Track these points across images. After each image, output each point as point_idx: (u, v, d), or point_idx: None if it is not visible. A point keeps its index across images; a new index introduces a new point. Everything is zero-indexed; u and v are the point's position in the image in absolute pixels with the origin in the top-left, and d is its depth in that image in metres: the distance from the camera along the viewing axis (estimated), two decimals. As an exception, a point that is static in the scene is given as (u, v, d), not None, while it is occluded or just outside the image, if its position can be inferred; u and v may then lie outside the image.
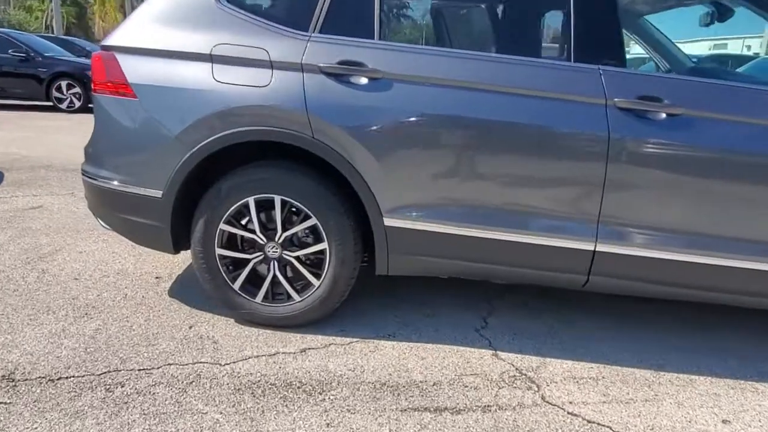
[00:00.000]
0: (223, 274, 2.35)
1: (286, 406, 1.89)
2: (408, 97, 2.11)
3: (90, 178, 2.42)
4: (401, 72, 2.12)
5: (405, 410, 1.90)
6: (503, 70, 2.12)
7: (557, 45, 2.19)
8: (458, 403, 1.96)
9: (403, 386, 2.04)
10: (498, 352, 2.33)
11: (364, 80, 2.12)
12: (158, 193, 2.27)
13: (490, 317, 2.64)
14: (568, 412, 1.95)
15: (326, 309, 2.36)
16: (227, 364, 2.11)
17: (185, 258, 3.08)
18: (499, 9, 2.53)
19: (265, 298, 2.36)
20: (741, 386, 2.17)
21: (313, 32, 2.18)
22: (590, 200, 2.10)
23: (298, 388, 2.00)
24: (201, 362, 2.11)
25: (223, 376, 2.04)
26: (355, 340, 2.35)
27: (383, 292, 2.75)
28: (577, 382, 2.14)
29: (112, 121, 2.31)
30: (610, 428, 1.88)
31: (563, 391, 2.07)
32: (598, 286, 2.25)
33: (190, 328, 2.37)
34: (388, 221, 2.20)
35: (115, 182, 2.34)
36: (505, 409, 1.94)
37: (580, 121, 2.05)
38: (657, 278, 2.16)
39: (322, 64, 2.12)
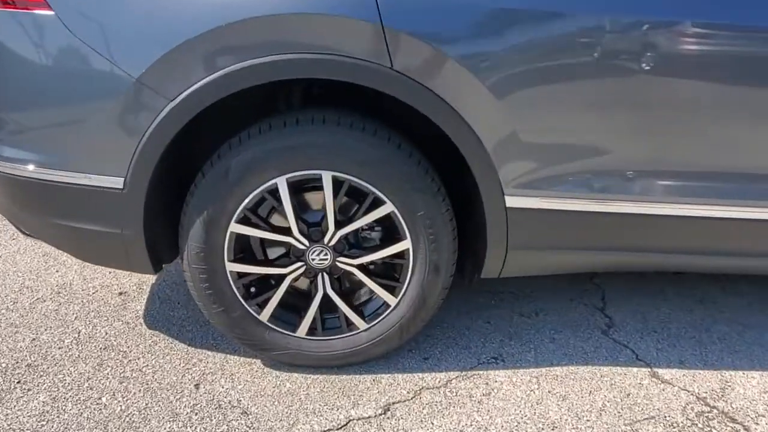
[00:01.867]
0: (242, 301, 1.46)
1: None
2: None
3: (-12, 160, 1.40)
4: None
5: None
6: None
7: None
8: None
9: (569, 459, 1.30)
10: (655, 370, 1.62)
11: (477, -40, 1.19)
12: (117, 183, 1.31)
13: (608, 307, 1.91)
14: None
15: (406, 337, 1.54)
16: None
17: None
18: None
19: (313, 329, 1.51)
20: None
21: None
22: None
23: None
24: (235, 464, 1.27)
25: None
26: (452, 375, 1.57)
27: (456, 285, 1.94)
28: (790, 411, 1.48)
29: (11, 59, 1.27)
30: None
31: (781, 431, 1.40)
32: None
33: (197, 387, 1.50)
34: (513, 200, 1.36)
35: (38, 167, 1.34)
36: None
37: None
38: None
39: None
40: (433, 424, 1.40)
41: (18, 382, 1.49)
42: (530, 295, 1.96)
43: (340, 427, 1.38)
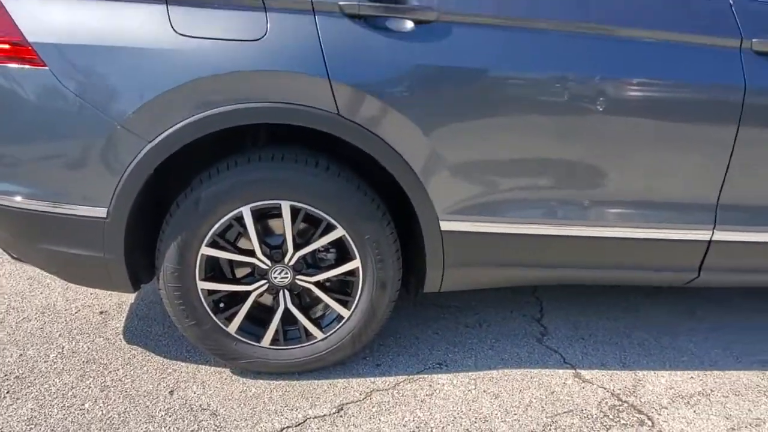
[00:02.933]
0: (212, 316, 1.65)
1: None
2: (471, 46, 1.46)
3: (-18, 193, 1.58)
4: (463, 12, 1.45)
5: (513, 491, 1.38)
6: (602, 5, 1.51)
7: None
8: (573, 465, 1.46)
9: (492, 447, 1.51)
10: (579, 371, 1.85)
11: (409, 25, 1.43)
12: (100, 212, 1.50)
13: (544, 318, 2.15)
14: (703, 454, 1.52)
15: (359, 345, 1.75)
16: (241, 452, 1.47)
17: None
18: None
19: (275, 340, 1.71)
20: None
21: (323, -47, 1.44)
22: (710, 177, 1.60)
23: (357, 478, 1.41)
24: (205, 456, 1.46)
25: (244, 476, 1.40)
26: (400, 379, 1.78)
27: (403, 298, 2.16)
28: (688, 403, 1.72)
29: (7, 106, 1.47)
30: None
31: (681, 422, 1.64)
32: (707, 282, 1.79)
33: (171, 394, 1.67)
34: (447, 224, 1.59)
35: (27, 199, 1.53)
36: (631, 462, 1.48)
37: (706, 71, 1.51)
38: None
39: (342, 2, 1.41)
40: (380, 420, 1.60)
41: (7, 392, 1.65)
42: (475, 308, 2.19)
43: (298, 425, 1.57)
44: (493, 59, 1.47)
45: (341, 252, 1.66)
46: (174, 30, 1.40)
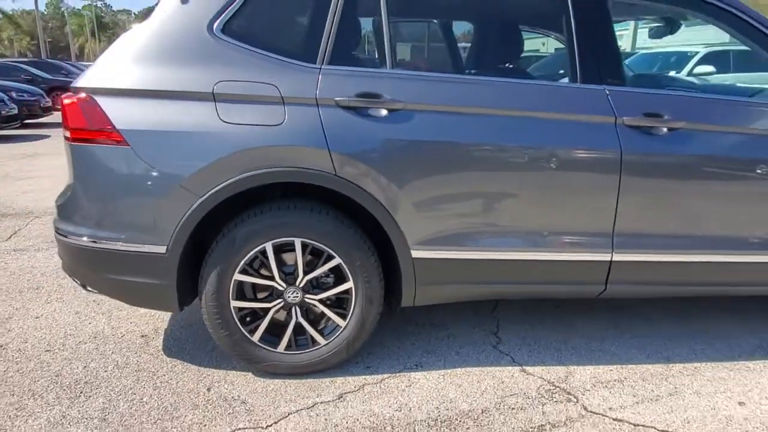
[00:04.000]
0: (241, 328, 2.17)
1: (353, 462, 1.80)
2: (429, 126, 2.09)
3: (69, 237, 2.13)
4: (421, 102, 2.08)
5: (469, 445, 1.89)
6: (520, 94, 2.17)
7: (565, 67, 2.26)
8: (515, 428, 1.98)
9: (456, 419, 2.02)
10: (524, 368, 2.38)
11: (384, 112, 2.06)
12: (161, 249, 2.05)
13: (500, 331, 2.69)
14: (613, 419, 2.04)
15: (353, 349, 2.27)
16: (269, 425, 1.96)
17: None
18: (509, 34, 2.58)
19: (288, 346, 2.22)
20: (737, 367, 2.40)
21: (323, 64, 2.08)
22: (606, 213, 2.20)
23: (354, 439, 1.91)
24: (240, 429, 1.94)
25: (270, 439, 1.89)
26: (386, 376, 2.29)
27: (388, 319, 2.69)
28: (606, 386, 2.25)
29: (98, 173, 2.04)
30: (655, 428, 2.00)
31: (599, 398, 2.17)
32: (614, 293, 2.37)
33: (209, 390, 2.16)
34: (416, 253, 2.16)
35: (106, 241, 2.07)
36: (558, 426, 2.00)
37: (594, 139, 2.15)
38: (669, 279, 2.33)
39: (338, 98, 2.03)
40: (371, 403, 2.10)
41: (81, 392, 2.12)
42: (445, 325, 2.72)
43: (309, 407, 2.07)
44: (441, 133, 2.09)
45: (338, 276, 2.21)
46: (220, 119, 2.00)
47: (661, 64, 9.40)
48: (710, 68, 8.12)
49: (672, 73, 8.89)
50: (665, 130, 2.17)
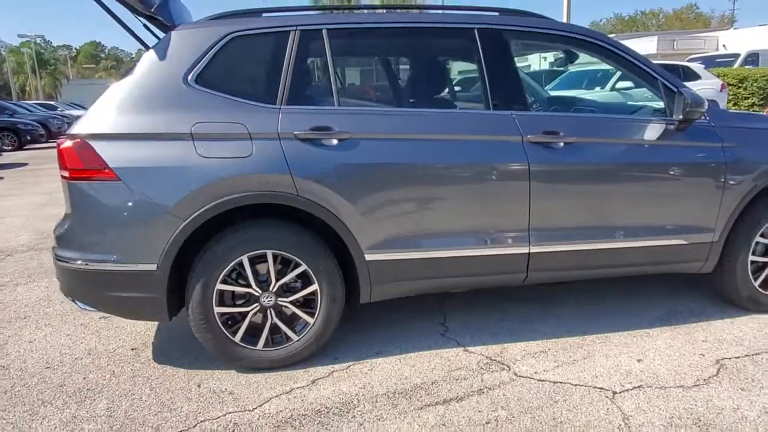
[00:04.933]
0: (224, 331, 2.54)
1: (327, 428, 2.19)
2: (371, 151, 2.54)
3: (70, 262, 2.46)
4: (364, 132, 2.54)
5: (422, 408, 2.31)
6: (445, 121, 2.66)
7: (480, 97, 2.77)
8: (458, 393, 2.42)
9: (411, 390, 2.45)
10: (467, 348, 2.84)
11: (334, 141, 2.51)
12: (152, 267, 2.41)
13: (447, 321, 3.14)
14: (538, 380, 2.51)
15: (321, 342, 2.67)
16: (255, 408, 2.33)
17: (146, 326, 3.14)
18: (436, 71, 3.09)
19: (266, 344, 2.60)
20: (639, 335, 2.93)
21: (282, 104, 2.51)
22: (522, 214, 2.71)
23: (328, 411, 2.30)
24: (231, 412, 2.30)
25: (258, 419, 2.26)
26: (350, 363, 2.70)
27: (349, 318, 3.10)
28: (533, 356, 2.73)
29: (94, 205, 2.40)
30: (570, 383, 2.48)
31: (527, 366, 2.64)
32: (534, 279, 2.87)
33: (199, 386, 2.51)
34: (369, 256, 2.60)
35: (103, 263, 2.42)
36: (494, 388, 2.45)
37: (506, 155, 2.66)
38: (575, 265, 2.85)
39: (296, 132, 2.47)
40: (340, 385, 2.50)
41: (86, 397, 2.43)
42: (400, 319, 3.16)
43: (288, 392, 2.45)
44: (382, 156, 2.54)
45: (304, 280, 2.61)
46: (198, 154, 2.40)
47: (588, 81, 10.28)
48: (629, 83, 8.99)
49: (597, 89, 9.78)
50: (562, 144, 2.70)
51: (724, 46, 24.29)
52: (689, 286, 3.54)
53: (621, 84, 9.47)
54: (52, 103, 30.62)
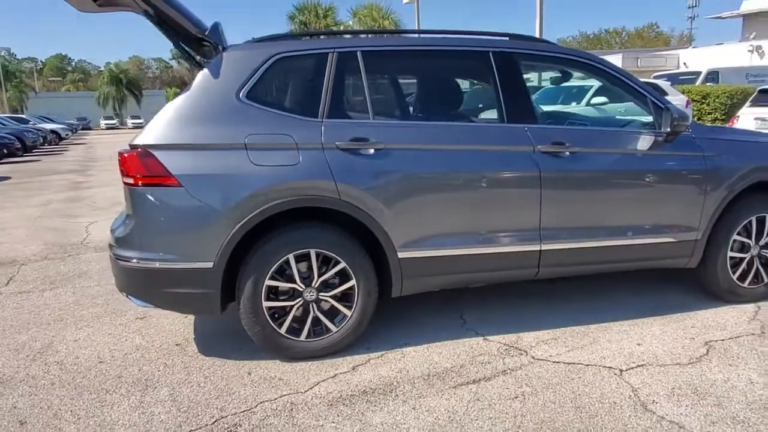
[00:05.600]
0: (271, 323, 2.79)
1: (376, 404, 2.46)
2: (403, 159, 2.85)
3: (131, 261, 2.68)
4: (395, 142, 2.85)
5: (456, 387, 2.61)
6: (467, 133, 3.00)
7: (494, 111, 3.12)
8: (485, 374, 2.72)
9: (443, 373, 2.74)
10: (486, 337, 3.14)
11: (371, 151, 2.80)
12: (209, 264, 2.65)
13: (464, 315, 3.45)
14: (553, 362, 2.84)
15: (357, 333, 2.94)
16: (307, 390, 2.59)
17: (183, 324, 3.35)
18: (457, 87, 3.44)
19: (308, 335, 2.86)
20: (636, 323, 3.28)
21: (323, 118, 2.80)
22: (534, 215, 3.05)
23: (373, 392, 2.57)
24: (285, 395, 2.55)
25: (311, 398, 2.51)
26: (383, 352, 2.97)
27: (376, 313, 3.36)
28: (546, 343, 3.05)
29: (158, 208, 2.63)
30: (582, 363, 2.80)
31: (542, 351, 2.96)
32: (545, 274, 3.20)
33: (249, 374, 2.75)
34: (401, 254, 2.89)
35: (163, 261, 2.65)
36: (516, 369, 2.76)
37: (520, 163, 3.00)
38: (581, 261, 3.20)
39: (338, 143, 2.76)
40: (378, 370, 2.77)
41: (147, 386, 2.64)
42: (422, 315, 3.45)
43: (332, 377, 2.71)
44: (413, 164, 2.85)
45: (342, 276, 2.88)
46: (252, 162, 2.66)
47: (564, 96, 10.85)
48: (604, 99, 9.56)
49: (573, 104, 10.33)
50: (567, 153, 3.06)
51: (684, 64, 25.65)
52: (674, 282, 3.93)
53: (595, 99, 10.05)
54: (24, 116, 30.15)
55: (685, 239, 3.35)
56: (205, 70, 2.77)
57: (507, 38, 3.25)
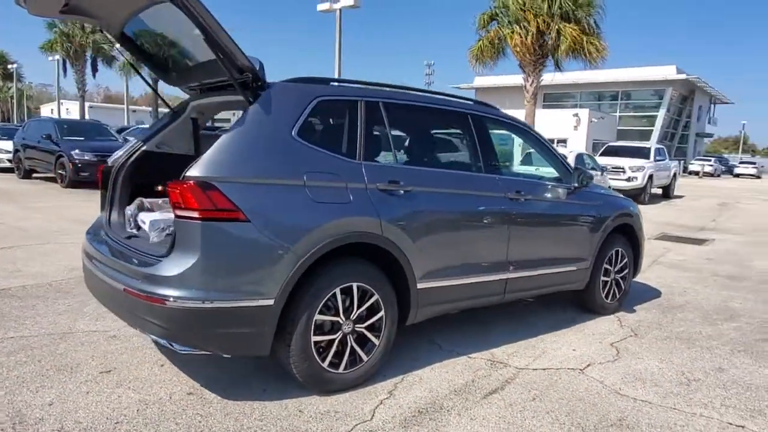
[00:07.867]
0: (317, 358, 2.83)
1: (438, 420, 2.75)
2: (427, 201, 3.25)
3: (189, 302, 2.46)
4: (418, 185, 3.23)
5: (485, 397, 3.05)
6: (470, 181, 3.54)
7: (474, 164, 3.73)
8: (496, 385, 3.22)
9: (464, 388, 3.15)
10: (469, 355, 3.65)
11: (401, 192, 3.13)
12: (270, 302, 2.62)
13: (435, 340, 3.89)
14: (533, 369, 3.50)
15: (383, 360, 3.16)
16: (372, 418, 2.72)
17: (174, 372, 3.06)
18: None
19: (345, 366, 2.97)
20: (556, 335, 4.17)
21: (362, 160, 3.04)
22: (504, 249, 3.72)
23: (426, 410, 2.84)
24: (358, 424, 2.64)
25: (384, 424, 2.67)
26: (400, 376, 3.24)
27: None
28: (514, 355, 3.71)
29: (224, 244, 2.50)
30: (552, 368, 3.52)
31: (517, 361, 3.60)
32: (507, 299, 3.88)
33: (302, 412, 2.73)
34: (420, 285, 3.24)
35: (222, 300, 2.52)
36: (513, 378, 3.33)
37: (498, 206, 3.66)
38: (528, 287, 3.98)
39: (379, 183, 3.02)
40: (411, 392, 3.03)
41: (170, 397, 2.43)
42: (402, 345, 3.77)
43: (380, 403, 2.87)
44: (432, 205, 3.27)
45: (371, 307, 3.08)
46: (311, 199, 2.74)
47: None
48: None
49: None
50: (523, 199, 3.85)
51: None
52: (556, 302, 5.02)
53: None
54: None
55: (582, 267, 4.42)
56: (257, 106, 2.76)
57: (472, 103, 3.93)
